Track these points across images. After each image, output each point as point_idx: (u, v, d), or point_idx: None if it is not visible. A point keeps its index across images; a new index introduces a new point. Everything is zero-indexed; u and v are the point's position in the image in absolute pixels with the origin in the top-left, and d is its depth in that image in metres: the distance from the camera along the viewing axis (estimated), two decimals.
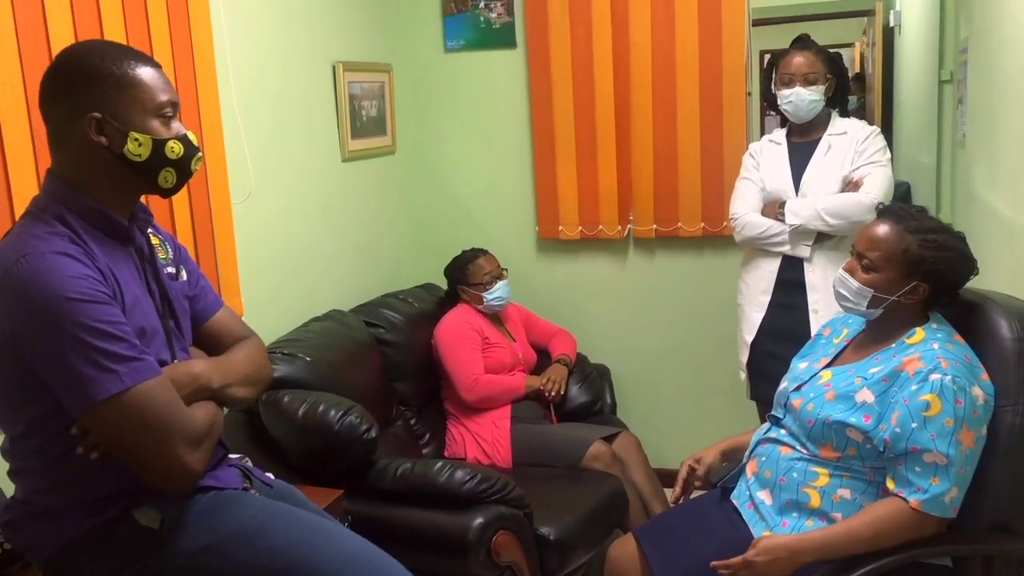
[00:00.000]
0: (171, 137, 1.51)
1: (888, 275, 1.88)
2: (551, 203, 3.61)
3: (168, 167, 1.52)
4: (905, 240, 1.86)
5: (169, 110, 1.52)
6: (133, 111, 1.47)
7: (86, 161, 1.48)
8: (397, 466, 2.52)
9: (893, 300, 1.88)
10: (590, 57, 3.42)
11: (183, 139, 1.53)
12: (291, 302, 2.92)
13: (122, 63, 1.47)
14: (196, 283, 1.72)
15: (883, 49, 3.24)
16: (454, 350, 3.12)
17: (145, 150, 1.48)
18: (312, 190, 3.06)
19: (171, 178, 1.54)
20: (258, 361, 1.73)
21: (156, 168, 1.51)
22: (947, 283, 1.86)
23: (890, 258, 1.87)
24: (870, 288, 1.89)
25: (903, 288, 1.86)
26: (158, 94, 1.50)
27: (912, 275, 1.85)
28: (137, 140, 1.47)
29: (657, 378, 3.65)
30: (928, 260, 1.84)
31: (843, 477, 1.86)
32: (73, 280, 1.37)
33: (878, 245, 1.90)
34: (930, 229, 1.87)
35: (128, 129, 1.47)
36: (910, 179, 3.22)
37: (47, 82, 1.49)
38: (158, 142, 1.49)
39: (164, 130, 1.51)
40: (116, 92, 1.46)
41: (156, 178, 1.53)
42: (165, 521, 1.50)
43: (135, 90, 1.47)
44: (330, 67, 3.14)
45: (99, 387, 1.36)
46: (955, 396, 1.71)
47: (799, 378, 2.02)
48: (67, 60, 1.49)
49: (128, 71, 1.47)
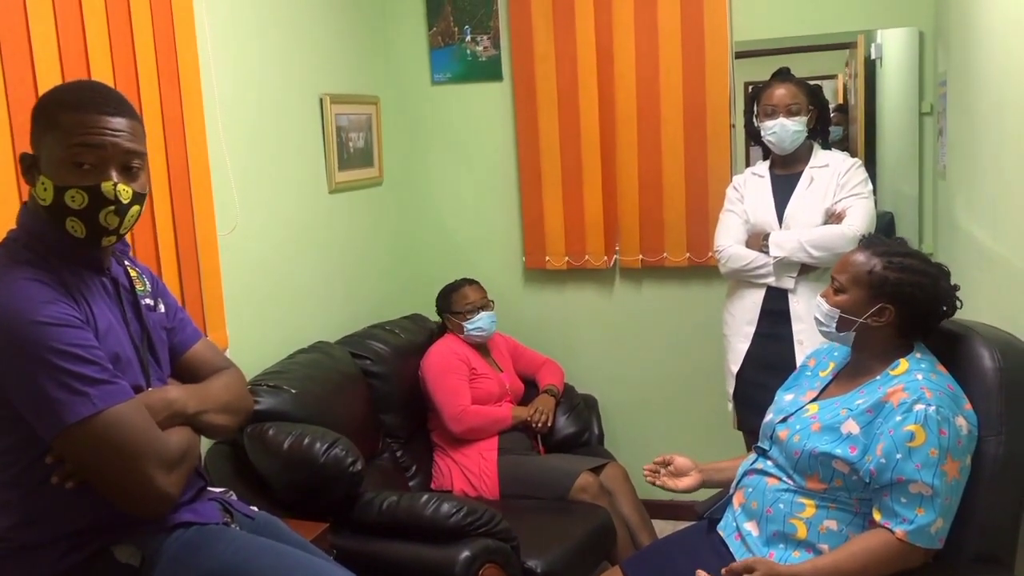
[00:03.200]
0: (74, 187, 1.43)
1: (855, 296, 1.90)
2: (538, 234, 3.62)
3: (72, 216, 1.45)
4: (871, 262, 1.89)
5: (94, 160, 1.44)
6: (51, 155, 1.44)
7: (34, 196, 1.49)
8: (383, 499, 2.50)
9: (861, 322, 1.89)
10: (575, 89, 3.45)
11: (93, 191, 1.44)
12: (277, 334, 2.91)
13: (69, 108, 1.44)
14: (174, 316, 1.72)
15: (865, 81, 3.28)
16: (441, 381, 3.11)
17: (48, 195, 1.45)
18: (299, 222, 3.06)
19: (78, 228, 1.46)
20: (236, 390, 1.73)
21: (61, 215, 1.45)
22: (916, 308, 1.86)
23: (857, 279, 1.90)
24: (837, 309, 1.92)
25: (869, 310, 1.87)
26: (75, 138, 1.43)
27: (878, 296, 1.87)
28: (43, 184, 1.45)
29: (644, 408, 3.65)
30: (892, 281, 1.85)
31: (829, 508, 1.85)
32: (44, 305, 1.37)
33: (846, 267, 1.93)
34: (897, 253, 1.89)
35: (40, 173, 1.46)
36: (893, 209, 3.25)
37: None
38: (59, 188, 1.43)
39: (72, 178, 1.43)
40: (43, 133, 1.45)
41: (63, 224, 1.46)
42: (145, 558, 1.48)
43: (55, 132, 1.44)
44: (317, 99, 3.16)
45: (70, 410, 1.36)
46: (939, 427, 1.71)
47: (785, 410, 2.02)
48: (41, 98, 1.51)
49: (62, 115, 1.43)
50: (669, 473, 2.18)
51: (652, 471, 2.18)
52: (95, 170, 1.45)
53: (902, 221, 3.23)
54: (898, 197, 3.22)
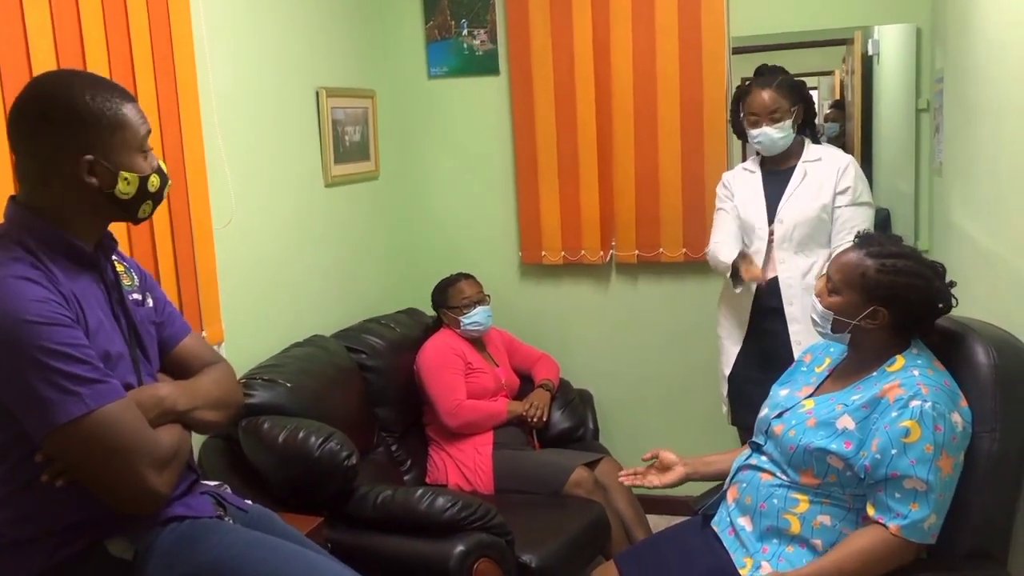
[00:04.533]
0: (152, 172, 1.55)
1: (848, 299, 1.89)
2: (534, 229, 3.62)
3: (148, 199, 1.56)
4: (864, 264, 1.88)
5: (147, 143, 1.55)
6: (123, 151, 1.50)
7: (69, 198, 1.49)
8: (378, 493, 2.50)
9: (854, 324, 1.89)
10: (572, 84, 3.45)
11: (159, 171, 1.58)
12: (272, 327, 2.90)
13: (111, 102, 1.49)
14: (163, 310, 1.72)
15: (862, 77, 3.28)
16: (437, 375, 3.11)
17: (133, 188, 1.52)
18: (294, 215, 3.06)
19: (148, 209, 1.59)
20: (227, 385, 1.73)
21: (139, 203, 1.55)
22: (910, 310, 1.86)
23: (850, 282, 1.89)
24: (831, 311, 1.92)
25: (863, 312, 1.87)
26: (140, 129, 1.53)
27: (871, 300, 1.86)
28: (127, 179, 1.51)
29: (640, 403, 3.65)
30: (885, 285, 1.84)
31: (823, 504, 1.86)
32: (34, 303, 1.36)
33: (840, 268, 1.92)
34: (891, 254, 1.87)
35: (118, 169, 1.49)
36: (889, 206, 3.25)
37: (24, 116, 1.47)
38: (143, 179, 1.53)
39: (146, 165, 1.54)
40: (108, 134, 1.48)
41: (137, 211, 1.56)
42: (139, 552, 1.47)
43: (124, 130, 1.50)
44: (313, 93, 3.15)
45: (61, 410, 1.35)
46: (935, 423, 1.71)
47: (780, 405, 2.02)
48: (48, 95, 1.48)
49: (118, 110, 1.49)
50: (655, 469, 2.19)
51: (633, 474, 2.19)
52: (149, 153, 1.56)
53: (898, 218, 3.23)
54: (894, 194, 3.22)
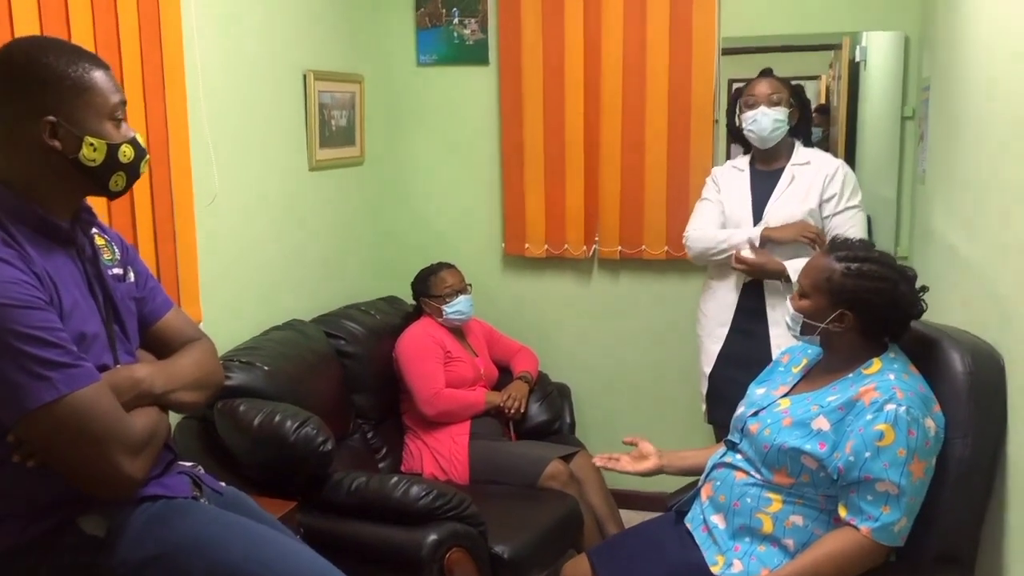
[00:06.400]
0: (123, 141, 1.50)
1: (816, 302, 1.92)
2: (518, 220, 3.62)
3: (120, 171, 1.52)
4: (831, 267, 1.90)
5: (120, 112, 1.51)
6: (88, 115, 1.45)
7: (34, 164, 1.45)
8: (352, 480, 2.50)
9: (822, 328, 1.91)
10: (561, 78, 3.44)
11: (133, 142, 1.53)
12: (251, 310, 2.89)
13: (77, 65, 1.45)
14: (144, 284, 1.68)
15: (848, 83, 3.30)
16: (415, 363, 3.10)
17: (99, 155, 1.47)
18: (278, 197, 3.04)
19: (121, 181, 1.54)
20: (207, 365, 1.70)
21: (108, 172, 1.50)
22: (875, 313, 1.87)
23: (817, 285, 1.91)
24: (800, 314, 1.94)
25: (829, 316, 1.89)
26: (111, 96, 1.48)
27: (837, 303, 1.88)
28: (92, 145, 1.46)
29: (617, 399, 3.66)
30: (849, 288, 1.86)
31: (796, 504, 1.87)
32: (6, 285, 1.33)
33: (808, 272, 1.95)
34: (858, 259, 1.89)
35: (83, 134, 1.45)
36: (871, 212, 3.26)
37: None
38: (112, 147, 1.48)
39: (116, 134, 1.50)
40: (72, 95, 1.44)
41: (107, 182, 1.52)
42: (111, 530, 1.46)
43: (90, 93, 1.46)
44: (301, 75, 3.13)
45: (32, 395, 1.33)
46: (908, 427, 1.73)
47: (757, 403, 2.03)
48: (15, 59, 1.44)
49: (84, 74, 1.45)
50: (630, 456, 2.20)
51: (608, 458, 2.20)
52: (122, 123, 1.51)
53: (879, 224, 3.26)
54: (876, 200, 3.24)
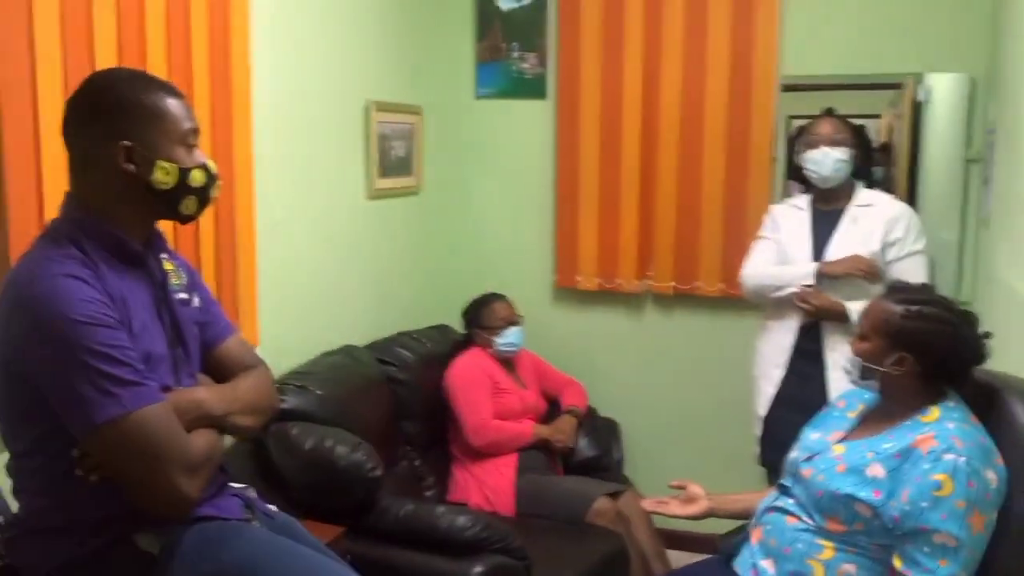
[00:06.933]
0: (194, 166, 1.55)
1: (875, 344, 1.89)
2: (570, 253, 3.62)
3: (191, 195, 1.56)
4: (890, 310, 1.87)
5: (192, 138, 1.56)
6: (161, 140, 1.51)
7: (111, 187, 1.51)
8: (400, 507, 2.51)
9: (882, 372, 1.87)
10: (619, 111, 3.46)
11: (204, 167, 1.58)
12: (306, 334, 2.93)
13: (151, 93, 1.52)
14: (208, 310, 1.74)
15: (911, 123, 3.26)
16: (464, 393, 3.12)
17: (171, 178, 1.52)
18: (336, 225, 3.09)
19: (192, 205, 1.58)
20: (264, 391, 1.74)
21: (180, 196, 1.55)
22: (936, 357, 1.84)
23: (876, 327, 1.89)
24: (859, 357, 1.91)
25: (889, 359, 1.86)
26: (183, 123, 1.54)
27: (896, 346, 1.85)
28: (164, 168, 1.51)
29: (667, 437, 3.62)
30: (909, 330, 1.83)
31: (848, 552, 1.83)
32: (82, 303, 1.39)
33: (868, 315, 1.93)
34: (917, 301, 1.86)
35: (156, 158, 1.51)
36: (932, 255, 3.21)
37: (75, 109, 1.52)
38: (183, 171, 1.54)
39: (188, 159, 1.55)
40: (146, 121, 1.50)
41: (178, 205, 1.57)
42: (164, 548, 1.49)
43: (163, 120, 1.52)
44: (362, 106, 3.19)
45: (100, 410, 1.38)
46: (968, 478, 1.68)
47: (810, 448, 2.00)
48: (97, 88, 1.53)
49: (158, 101, 1.52)
50: (679, 500, 2.17)
51: (658, 502, 2.18)
52: (194, 149, 1.57)
53: (941, 268, 3.19)
54: (937, 243, 3.18)
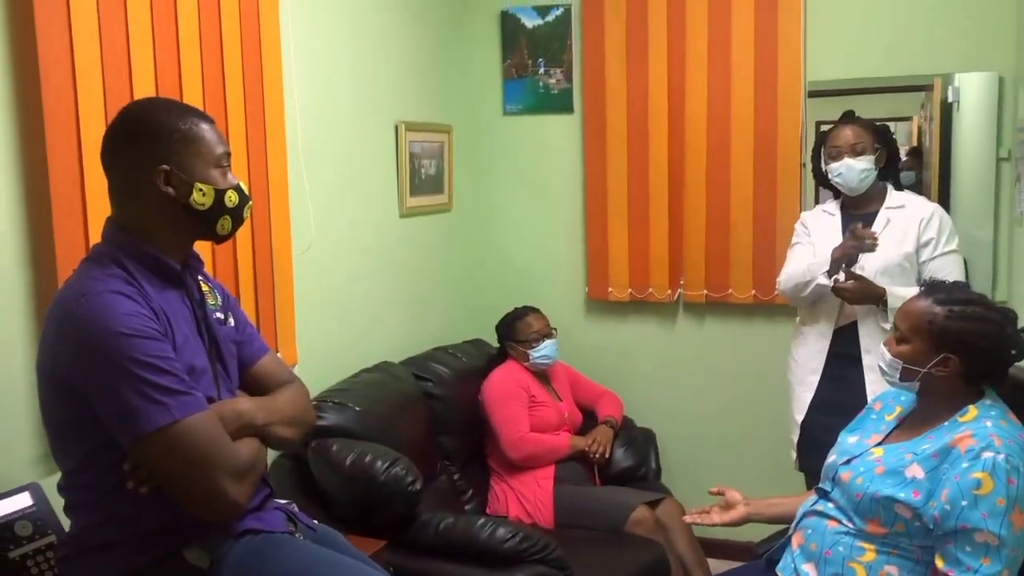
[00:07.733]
0: (229, 187, 1.62)
1: (917, 346, 1.87)
2: (601, 265, 3.64)
3: (226, 215, 1.63)
4: (932, 311, 1.86)
5: (225, 161, 1.63)
6: (197, 163, 1.58)
7: (150, 209, 1.57)
8: (440, 520, 2.53)
9: (924, 373, 1.86)
10: (645, 124, 3.48)
11: (238, 189, 1.65)
12: (343, 352, 2.97)
13: (186, 119, 1.59)
14: (243, 330, 1.79)
15: (941, 124, 3.24)
16: (501, 406, 3.14)
17: (208, 199, 1.59)
18: (370, 244, 3.14)
19: (227, 225, 1.65)
20: (301, 404, 1.79)
21: (216, 216, 1.62)
22: (980, 357, 1.83)
23: (918, 329, 1.87)
24: (900, 360, 1.89)
25: (932, 360, 1.84)
26: (216, 147, 1.61)
27: (940, 347, 1.83)
28: (201, 190, 1.58)
29: (704, 445, 3.61)
30: (953, 331, 1.82)
31: (890, 554, 1.82)
32: (127, 317, 1.45)
33: (907, 316, 1.91)
34: (959, 300, 1.85)
35: (194, 180, 1.57)
36: (967, 255, 3.18)
37: (114, 136, 1.59)
38: (219, 192, 1.60)
39: (223, 180, 1.62)
40: (182, 146, 1.56)
41: (215, 225, 1.63)
42: (214, 562, 1.53)
43: (198, 144, 1.58)
44: (393, 126, 3.25)
45: (148, 418, 1.43)
46: (1008, 475, 1.68)
47: (849, 452, 2.00)
48: (134, 117, 1.60)
49: (192, 127, 1.58)
50: (718, 507, 2.17)
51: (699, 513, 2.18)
52: (228, 171, 1.64)
53: (975, 267, 3.17)
54: (972, 243, 3.16)
